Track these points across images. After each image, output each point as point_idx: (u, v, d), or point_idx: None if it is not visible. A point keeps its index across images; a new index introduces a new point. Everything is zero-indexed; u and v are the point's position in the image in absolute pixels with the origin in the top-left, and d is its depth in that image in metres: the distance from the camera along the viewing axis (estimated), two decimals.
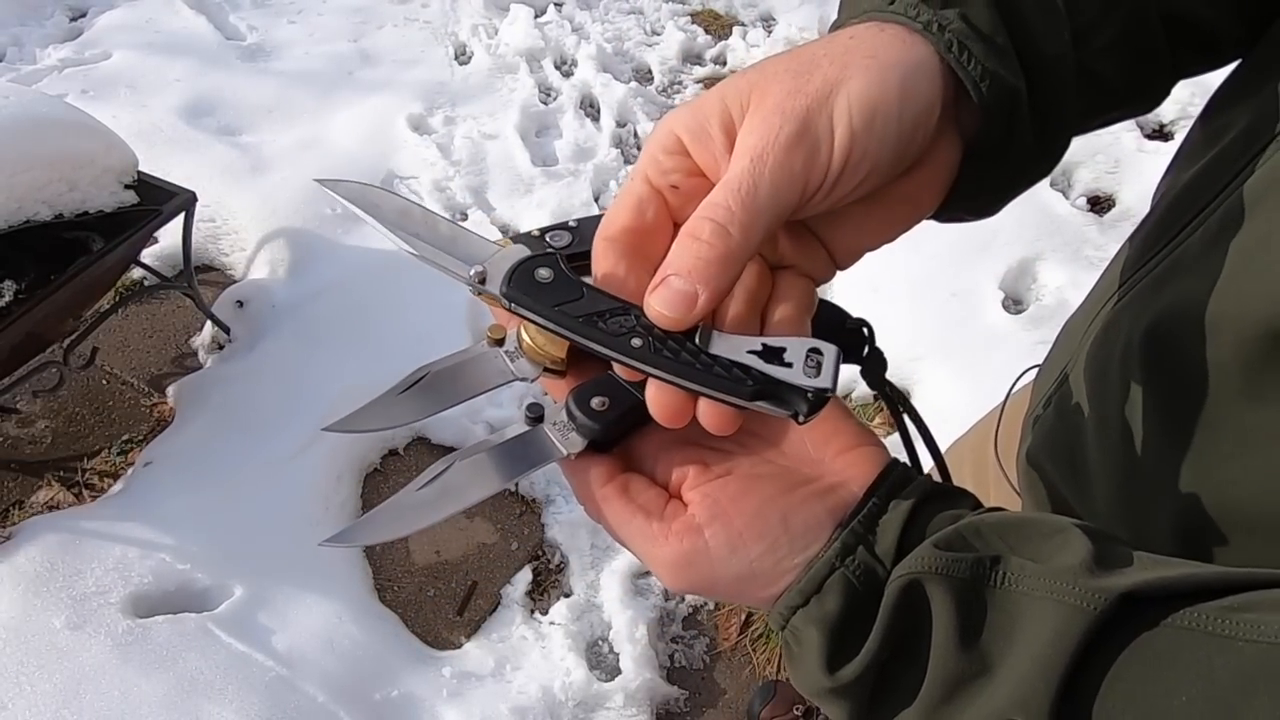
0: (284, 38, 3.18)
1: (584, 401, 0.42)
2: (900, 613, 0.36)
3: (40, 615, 1.66)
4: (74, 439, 2.06)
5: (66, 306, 1.82)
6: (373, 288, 2.31)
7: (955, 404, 2.01)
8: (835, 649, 0.37)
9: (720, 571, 0.39)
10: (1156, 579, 0.32)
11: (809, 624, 0.38)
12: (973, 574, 0.35)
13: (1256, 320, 0.38)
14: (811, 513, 0.39)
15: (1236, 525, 0.41)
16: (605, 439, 0.43)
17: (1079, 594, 0.32)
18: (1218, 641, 0.30)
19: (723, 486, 0.40)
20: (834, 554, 0.38)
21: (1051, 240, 2.36)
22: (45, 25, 3.18)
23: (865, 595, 0.37)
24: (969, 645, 0.34)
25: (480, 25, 3.28)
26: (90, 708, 1.56)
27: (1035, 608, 0.33)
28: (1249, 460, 0.40)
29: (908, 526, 0.38)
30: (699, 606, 1.90)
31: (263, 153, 2.66)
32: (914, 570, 0.35)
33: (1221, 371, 0.41)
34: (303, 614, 1.73)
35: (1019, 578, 0.34)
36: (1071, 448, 0.55)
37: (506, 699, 1.68)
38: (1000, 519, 0.37)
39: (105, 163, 1.79)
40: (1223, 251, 0.41)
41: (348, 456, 2.00)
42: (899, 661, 0.36)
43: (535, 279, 0.40)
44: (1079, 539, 0.35)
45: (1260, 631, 0.30)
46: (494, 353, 0.45)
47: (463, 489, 0.42)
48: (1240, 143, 0.44)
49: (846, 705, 0.38)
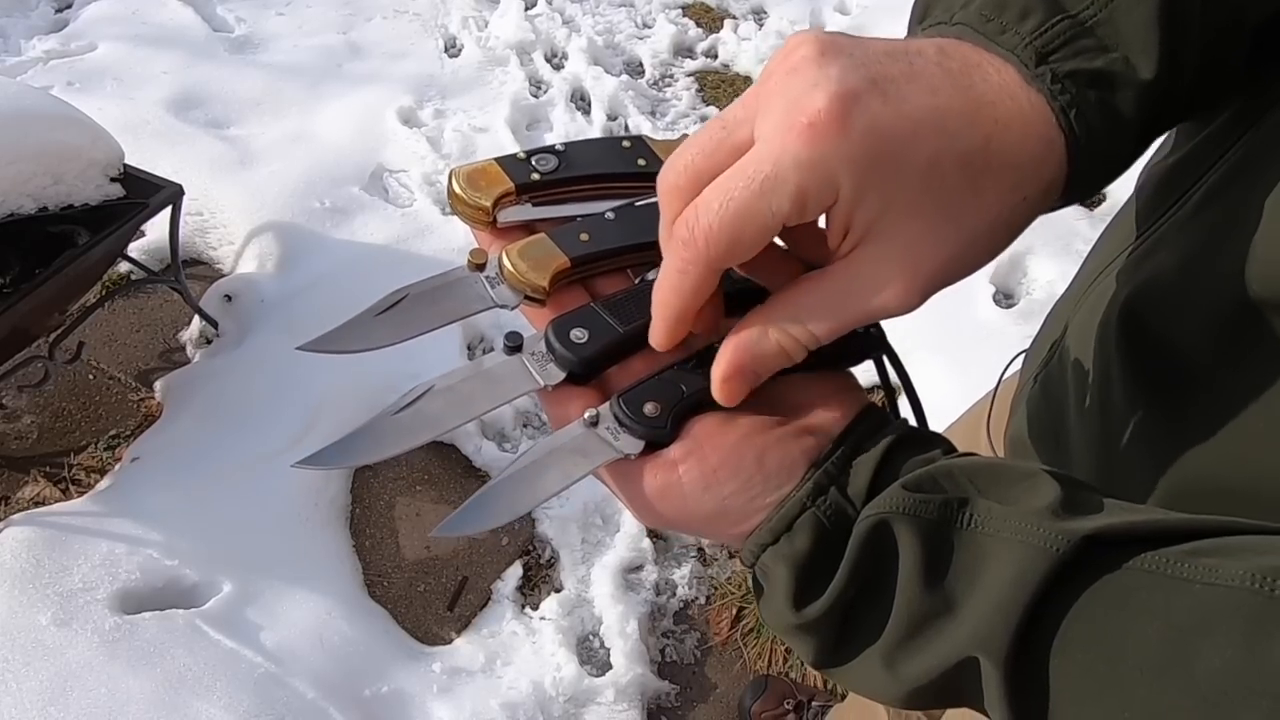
0: (272, 30, 3.15)
1: (564, 333, 0.42)
2: (867, 551, 0.36)
3: (26, 612, 1.65)
4: (60, 434, 2.05)
5: (52, 301, 1.80)
6: (362, 282, 2.30)
7: (946, 397, 2.00)
8: (803, 586, 0.37)
9: (693, 507, 0.39)
10: (1121, 523, 0.33)
11: (778, 561, 0.38)
12: (940, 515, 0.35)
13: (1228, 292, 0.39)
14: (786, 452, 0.39)
15: (1211, 493, 0.42)
16: (584, 371, 0.42)
17: (1043, 535, 0.33)
18: (1177, 584, 0.31)
19: (699, 423, 0.40)
20: (805, 494, 0.38)
21: (1042, 234, 2.36)
22: (30, 16, 3.15)
23: (835, 535, 0.37)
24: (934, 585, 0.35)
25: (470, 18, 3.26)
26: (77, 705, 1.55)
27: (1000, 549, 0.34)
28: (1221, 429, 0.41)
29: (880, 469, 0.38)
30: (690, 601, 1.89)
31: (251, 146, 2.64)
32: (882, 510, 0.36)
33: (1195, 343, 0.41)
34: (292, 610, 1.72)
35: (985, 519, 0.35)
36: (1055, 424, 0.55)
37: (497, 694, 1.68)
38: (972, 463, 0.37)
39: (91, 156, 1.78)
40: (1199, 229, 0.42)
41: None
42: (865, 600, 0.37)
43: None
44: (1048, 483, 0.35)
45: (1218, 575, 0.30)
46: (474, 278, 0.44)
47: (439, 416, 0.41)
48: (1225, 127, 0.45)
49: (813, 641, 0.38)
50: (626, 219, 0.45)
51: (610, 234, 0.45)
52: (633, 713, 1.70)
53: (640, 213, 0.46)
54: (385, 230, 2.43)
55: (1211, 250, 0.41)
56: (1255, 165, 0.40)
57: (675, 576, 1.91)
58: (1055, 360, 0.57)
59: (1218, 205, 0.42)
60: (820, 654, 0.39)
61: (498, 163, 0.45)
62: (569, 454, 0.40)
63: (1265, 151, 0.40)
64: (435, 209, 2.52)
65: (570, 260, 0.43)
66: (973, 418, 0.87)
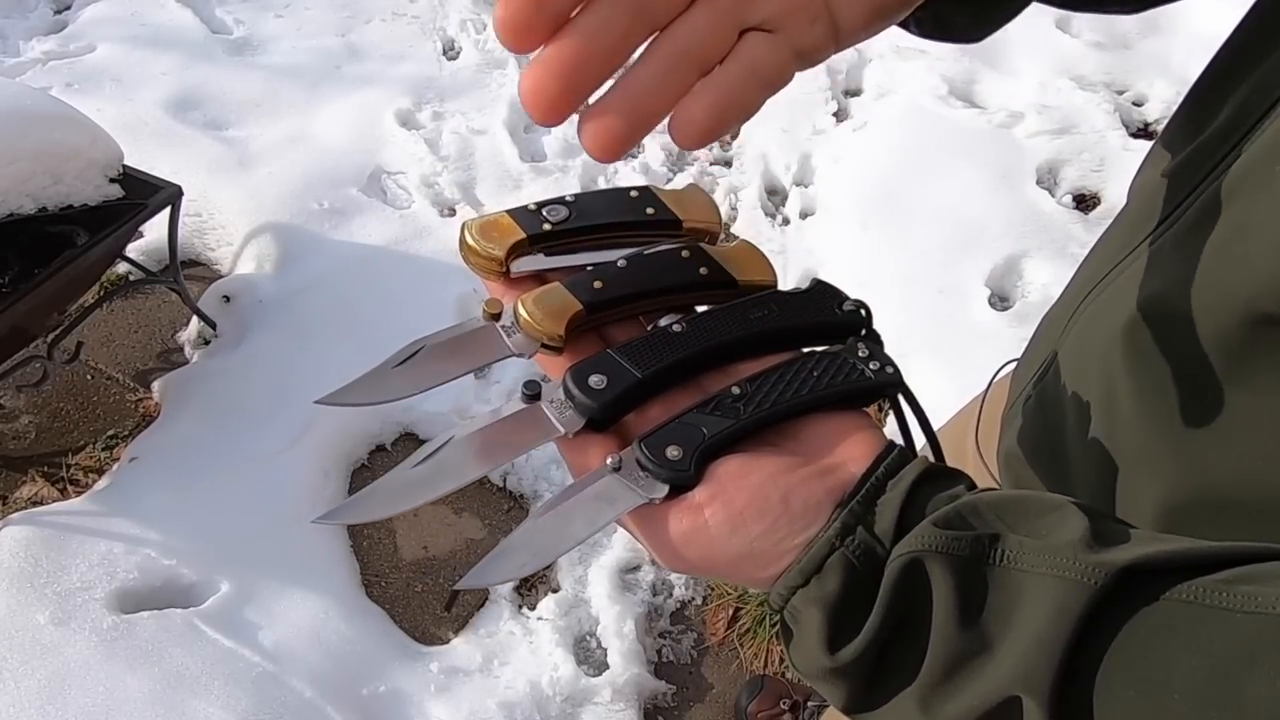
0: (271, 32, 3.15)
1: (582, 379, 0.42)
2: (901, 591, 0.36)
3: (24, 611, 1.65)
4: (58, 434, 2.05)
5: (51, 301, 1.81)
6: (361, 283, 2.30)
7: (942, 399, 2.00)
8: (835, 629, 0.37)
9: (719, 551, 0.39)
10: (1156, 553, 0.33)
11: (809, 604, 0.38)
12: (972, 552, 0.35)
13: (1235, 308, 0.39)
14: (811, 492, 0.39)
15: (1220, 509, 0.42)
16: (603, 418, 0.42)
17: (1079, 569, 0.32)
18: (1216, 614, 0.30)
19: (722, 465, 0.40)
20: (834, 534, 0.37)
21: (1038, 238, 2.37)
22: (29, 18, 3.14)
23: (865, 575, 0.37)
24: (970, 623, 0.34)
25: (469, 20, 3.26)
26: (75, 704, 1.55)
27: (1035, 584, 0.33)
28: (1231, 445, 0.41)
29: (906, 506, 0.38)
30: (687, 602, 1.90)
31: (249, 147, 2.64)
32: (914, 549, 0.36)
33: (1203, 360, 0.41)
34: (290, 609, 1.72)
35: (1018, 554, 0.34)
36: (1052, 438, 0.55)
37: (494, 694, 1.68)
38: (997, 497, 0.37)
39: (90, 156, 1.78)
40: (1200, 242, 0.42)
41: (335, 452, 1.99)
42: (899, 641, 0.37)
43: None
44: (1076, 515, 0.35)
45: (1257, 603, 0.30)
46: (490, 328, 0.44)
47: (458, 467, 0.41)
48: (1218, 136, 0.45)
49: (846, 685, 0.38)
50: (637, 266, 0.46)
51: (622, 281, 0.45)
52: (629, 713, 1.71)
53: (651, 260, 0.47)
54: (383, 231, 2.43)
55: (1215, 265, 0.41)
56: (1255, 177, 0.40)
57: (672, 577, 1.92)
58: (1050, 375, 0.57)
59: (1219, 218, 0.41)
60: (853, 698, 0.38)
61: (509, 214, 0.45)
62: (594, 500, 0.40)
63: (1266, 163, 0.40)
64: (433, 211, 2.53)
65: (585, 307, 0.43)
66: (959, 427, 0.86)
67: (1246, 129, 0.42)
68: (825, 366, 0.43)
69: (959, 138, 2.63)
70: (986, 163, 2.56)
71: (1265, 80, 0.43)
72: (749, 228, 2.49)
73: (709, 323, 0.44)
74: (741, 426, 0.41)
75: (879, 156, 2.57)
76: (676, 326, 0.44)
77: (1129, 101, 2.84)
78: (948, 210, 2.45)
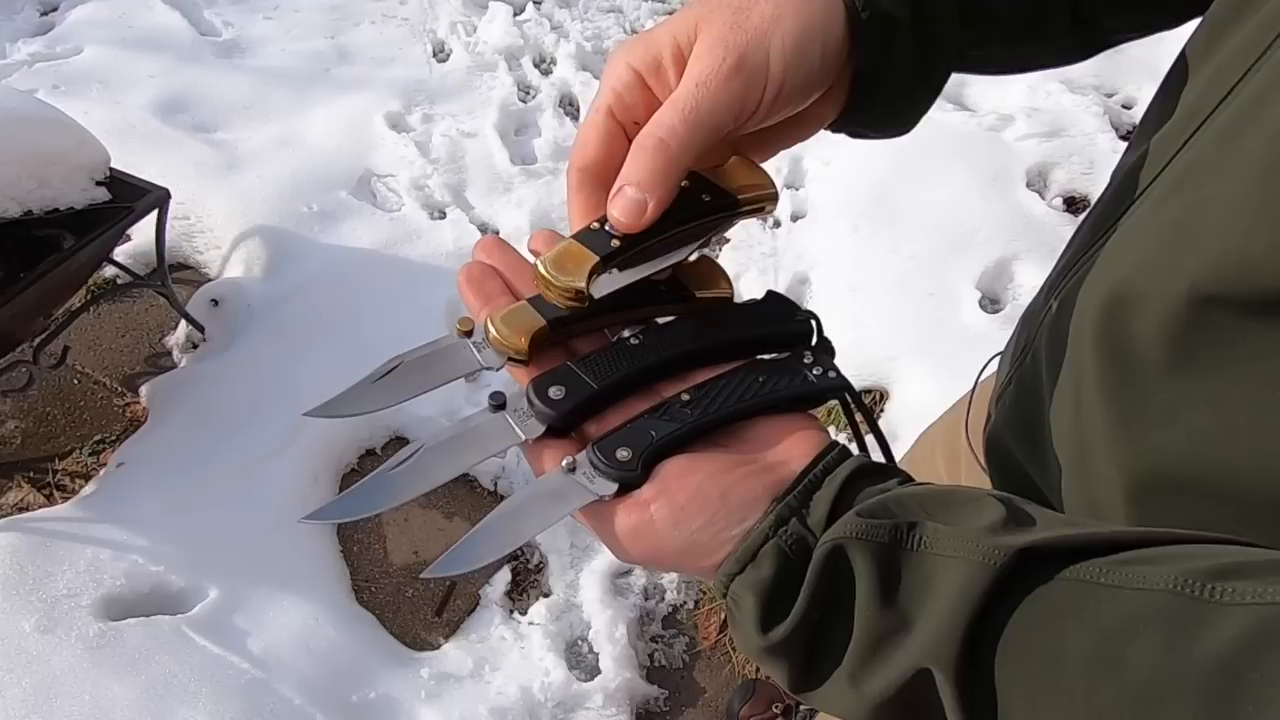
0: (260, 34, 3.14)
1: (542, 390, 0.45)
2: (825, 576, 0.39)
3: (10, 619, 1.63)
4: (44, 439, 2.03)
5: (36, 305, 1.79)
6: (349, 287, 2.29)
7: (932, 401, 2.01)
8: (768, 612, 0.40)
9: (664, 543, 0.42)
10: (1053, 536, 0.35)
11: (745, 589, 0.40)
12: (891, 538, 0.38)
13: (1178, 292, 0.40)
14: (749, 488, 0.42)
15: (1175, 491, 0.44)
16: (561, 425, 0.46)
17: (982, 551, 0.35)
18: (1107, 591, 0.33)
19: (668, 465, 0.44)
20: (768, 525, 0.40)
21: (1028, 240, 2.38)
22: (15, 20, 3.13)
23: (797, 562, 0.40)
24: (888, 604, 0.37)
25: (459, 23, 3.26)
26: (61, 712, 1.54)
27: (946, 566, 0.36)
28: (1174, 427, 0.42)
29: (838, 500, 0.40)
30: (679, 606, 1.90)
31: (238, 150, 2.63)
32: (837, 536, 0.38)
33: (1149, 344, 0.43)
34: (279, 615, 1.71)
35: (933, 540, 0.37)
36: (1032, 424, 0.57)
37: (485, 700, 1.67)
38: (923, 490, 0.40)
39: (77, 159, 1.77)
40: (1156, 227, 0.44)
41: (324, 457, 1.98)
42: (829, 623, 0.39)
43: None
44: (992, 505, 0.38)
45: (1145, 580, 0.32)
46: (463, 343, 0.48)
47: (433, 470, 0.45)
48: (1180, 123, 0.46)
49: (784, 664, 0.41)
50: None
51: None
52: (622, 717, 1.70)
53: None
54: (373, 235, 2.42)
55: (1165, 248, 0.42)
56: (1207, 160, 0.42)
57: (664, 581, 1.91)
58: (1029, 361, 0.58)
59: (1172, 202, 0.43)
60: (793, 677, 0.41)
61: (576, 240, 0.46)
62: (549, 498, 0.44)
63: (1219, 146, 0.42)
64: (423, 214, 2.52)
65: (548, 323, 0.46)
66: (951, 421, 0.87)
67: (1207, 113, 0.43)
68: (771, 373, 0.46)
69: (949, 141, 2.64)
70: (977, 166, 2.57)
71: (1228, 61, 0.44)
72: (739, 231, 2.49)
73: (664, 335, 0.48)
74: (688, 430, 0.44)
75: (869, 159, 2.57)
76: (634, 339, 0.47)
77: (1118, 104, 2.85)
78: (938, 213, 2.46)
